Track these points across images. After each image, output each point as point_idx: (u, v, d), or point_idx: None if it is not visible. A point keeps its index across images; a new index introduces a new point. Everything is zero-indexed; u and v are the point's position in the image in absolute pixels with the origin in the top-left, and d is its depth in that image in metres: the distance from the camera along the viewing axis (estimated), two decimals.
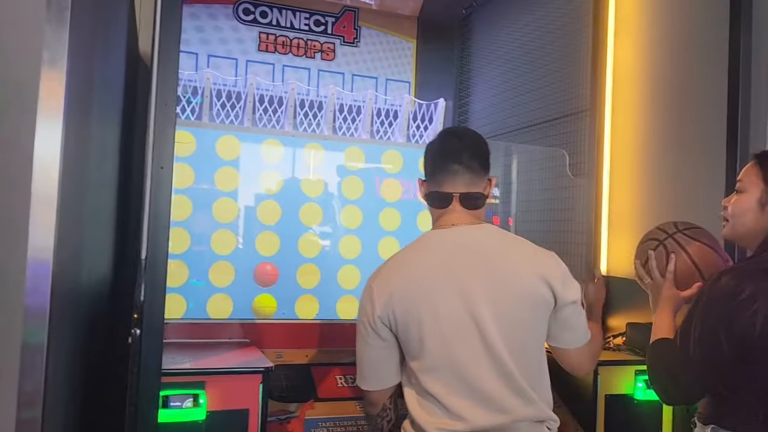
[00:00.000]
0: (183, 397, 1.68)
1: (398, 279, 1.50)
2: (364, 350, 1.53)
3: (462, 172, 1.55)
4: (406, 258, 1.57)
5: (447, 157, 1.57)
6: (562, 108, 2.45)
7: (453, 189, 1.54)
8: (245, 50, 3.36)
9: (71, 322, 1.58)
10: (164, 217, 1.48)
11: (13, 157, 1.27)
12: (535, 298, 1.47)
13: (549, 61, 2.58)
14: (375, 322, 1.47)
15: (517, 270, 1.49)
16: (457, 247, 1.51)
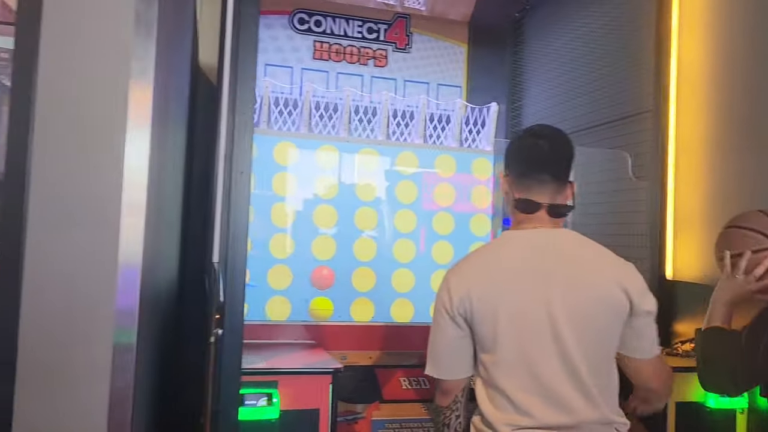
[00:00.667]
0: (258, 396, 1.73)
1: (477, 274, 1.54)
2: (440, 339, 1.57)
3: (550, 182, 1.57)
4: (486, 254, 1.61)
5: (537, 165, 1.58)
6: (623, 109, 2.42)
7: (541, 198, 1.56)
8: (301, 58, 3.43)
9: (154, 324, 1.64)
10: (243, 221, 1.53)
11: (105, 166, 1.33)
12: (611, 304, 1.49)
13: (608, 62, 2.55)
14: (453, 313, 1.51)
15: (597, 275, 1.51)
16: (538, 247, 1.53)
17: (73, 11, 1.30)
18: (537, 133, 1.64)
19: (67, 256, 1.29)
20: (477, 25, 3.67)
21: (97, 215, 1.31)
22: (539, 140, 1.60)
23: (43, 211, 1.29)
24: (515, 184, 1.61)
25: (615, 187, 2.42)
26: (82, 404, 1.29)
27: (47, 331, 1.27)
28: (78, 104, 1.31)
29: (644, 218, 2.26)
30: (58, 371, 1.28)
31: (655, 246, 2.18)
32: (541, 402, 1.47)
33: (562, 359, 1.46)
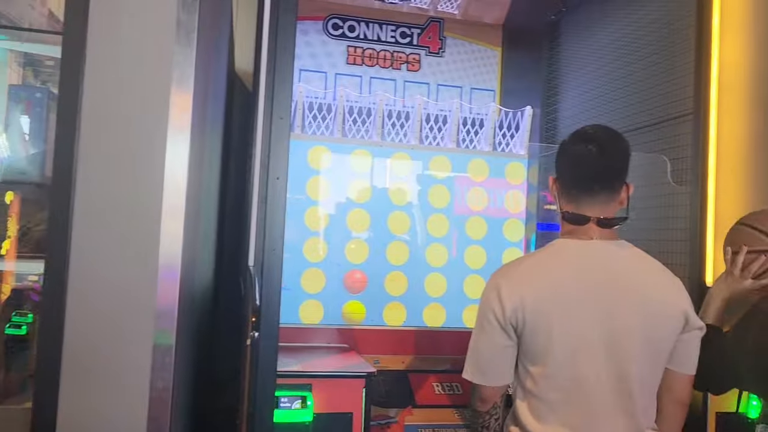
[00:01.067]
0: (292, 399, 1.75)
1: (531, 283, 1.49)
2: (486, 346, 1.52)
3: (600, 193, 1.52)
4: (540, 263, 1.55)
5: (586, 175, 1.53)
6: (661, 112, 2.37)
7: (591, 212, 1.52)
8: (334, 63, 3.45)
9: (191, 325, 1.68)
10: (279, 225, 1.55)
11: (147, 171, 1.36)
12: (670, 321, 1.48)
13: (646, 64, 2.51)
14: (504, 322, 1.47)
15: (660, 296, 1.49)
16: (595, 261, 1.50)
17: (117, 20, 1.33)
18: (588, 137, 1.56)
19: (110, 258, 1.33)
20: (511, 28, 3.65)
21: (139, 219, 1.35)
22: (589, 145, 1.52)
23: (88, 215, 1.32)
24: (563, 192, 1.57)
25: (653, 192, 2.37)
26: (123, 403, 1.33)
27: (90, 332, 1.31)
28: (121, 111, 1.35)
29: (684, 224, 2.22)
30: (100, 371, 1.31)
31: (695, 252, 2.14)
32: (584, 418, 1.45)
33: (617, 377, 1.44)
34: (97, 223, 1.33)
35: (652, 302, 1.47)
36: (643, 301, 1.46)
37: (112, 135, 1.35)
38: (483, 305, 1.54)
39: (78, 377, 1.31)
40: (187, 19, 1.39)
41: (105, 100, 1.34)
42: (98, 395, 1.32)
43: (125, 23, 1.35)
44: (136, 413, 1.35)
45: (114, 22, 1.34)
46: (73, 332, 1.31)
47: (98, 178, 1.34)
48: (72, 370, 1.31)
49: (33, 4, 1.61)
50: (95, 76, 1.33)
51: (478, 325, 1.54)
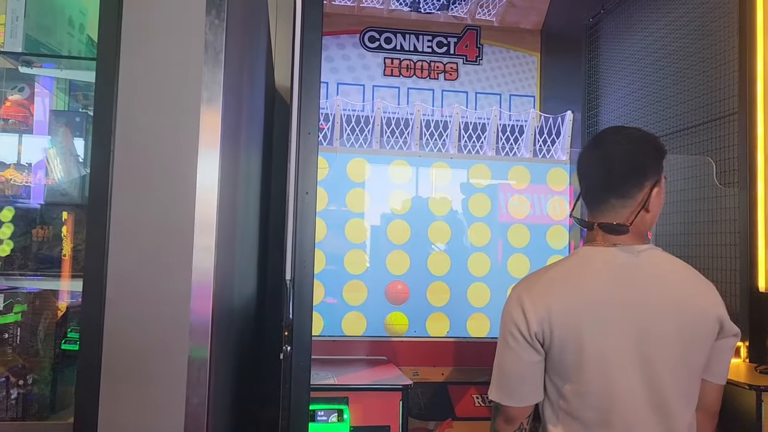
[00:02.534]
0: (329, 412, 1.75)
1: (557, 293, 1.40)
2: (512, 363, 1.43)
3: (620, 202, 1.44)
4: (565, 273, 1.45)
5: (604, 185, 1.45)
6: (705, 113, 2.29)
7: (613, 219, 1.44)
8: (372, 76, 3.48)
9: (228, 339, 1.70)
10: (310, 240, 1.56)
11: (178, 187, 1.39)
12: (705, 330, 1.40)
13: (688, 64, 2.43)
14: (531, 337, 1.39)
15: (697, 305, 1.40)
16: (623, 269, 1.41)
17: (147, 44, 1.38)
18: (606, 141, 1.48)
19: (145, 274, 1.36)
20: (549, 33, 3.60)
21: (171, 235, 1.38)
22: (608, 151, 1.45)
23: (123, 233, 1.36)
24: (585, 200, 1.51)
25: (699, 195, 2.29)
26: (159, 417, 1.35)
27: (127, 348, 1.34)
28: (153, 131, 1.39)
29: (732, 227, 2.13)
30: (137, 386, 1.34)
31: (745, 256, 2.04)
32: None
33: (654, 390, 1.36)
34: (131, 241, 1.37)
35: (687, 308, 1.39)
36: (678, 308, 1.38)
37: (144, 155, 1.39)
38: (505, 320, 1.46)
39: (116, 392, 1.34)
40: (214, 41, 1.42)
41: (137, 122, 1.38)
42: (135, 410, 1.35)
43: (155, 47, 1.39)
44: (173, 427, 1.37)
45: (144, 46, 1.38)
46: (110, 348, 1.34)
47: (132, 198, 1.38)
48: (110, 385, 1.34)
49: (72, 32, 1.68)
50: (128, 99, 1.37)
51: (501, 342, 1.45)
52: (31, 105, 2.05)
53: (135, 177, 1.37)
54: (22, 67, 1.61)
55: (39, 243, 1.76)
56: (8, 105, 2.08)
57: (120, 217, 1.36)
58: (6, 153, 2.02)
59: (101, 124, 1.34)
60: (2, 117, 2.09)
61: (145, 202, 1.37)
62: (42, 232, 1.80)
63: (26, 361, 1.69)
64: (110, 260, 1.34)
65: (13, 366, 1.65)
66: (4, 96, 2.09)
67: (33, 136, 2.01)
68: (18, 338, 1.64)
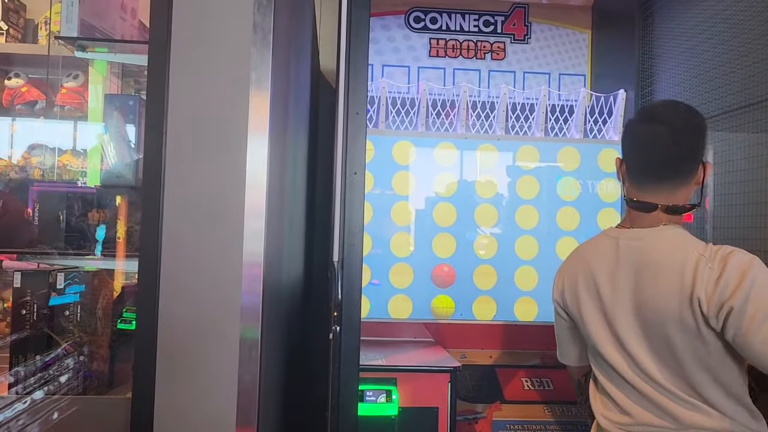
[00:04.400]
0: (377, 392, 1.76)
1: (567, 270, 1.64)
2: (556, 325, 1.74)
3: (669, 179, 1.42)
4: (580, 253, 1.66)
5: (653, 160, 1.42)
6: (764, 93, 2.18)
7: (657, 199, 1.44)
8: (417, 57, 3.44)
9: (278, 319, 1.72)
10: (358, 220, 1.56)
11: (229, 170, 1.41)
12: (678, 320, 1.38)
13: (751, 37, 2.31)
14: (557, 302, 1.68)
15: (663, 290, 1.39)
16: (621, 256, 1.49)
17: (198, 27, 1.39)
18: (654, 116, 1.43)
19: (198, 256, 1.39)
20: (601, 9, 3.48)
21: (223, 216, 1.40)
22: (657, 126, 1.40)
23: (177, 215, 1.39)
24: (628, 178, 1.51)
25: (761, 175, 2.19)
26: (213, 395, 1.38)
27: (181, 328, 1.37)
28: (204, 114, 1.40)
29: None
30: (192, 364, 1.38)
31: None
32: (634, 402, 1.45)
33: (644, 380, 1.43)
34: (184, 223, 1.40)
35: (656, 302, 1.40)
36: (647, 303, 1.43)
37: (196, 138, 1.41)
38: None
39: (171, 370, 1.37)
40: (263, 21, 1.43)
41: (189, 105, 1.40)
42: (190, 387, 1.39)
43: (205, 30, 1.40)
44: (226, 404, 1.41)
45: (194, 29, 1.39)
46: (166, 327, 1.38)
47: (185, 180, 1.40)
48: (166, 363, 1.38)
49: (124, 17, 1.70)
50: (179, 82, 1.39)
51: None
52: (85, 92, 2.10)
53: (186, 159, 1.39)
54: (78, 51, 1.65)
55: (96, 225, 1.81)
56: (64, 92, 2.14)
57: (173, 200, 1.39)
58: (62, 139, 2.08)
59: (154, 108, 1.36)
60: (58, 104, 2.15)
61: (197, 184, 1.39)
62: (98, 214, 1.85)
63: (85, 339, 1.75)
64: (164, 242, 1.37)
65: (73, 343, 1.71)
66: (60, 83, 2.15)
67: (88, 123, 2.07)
68: (78, 316, 1.70)
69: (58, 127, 2.15)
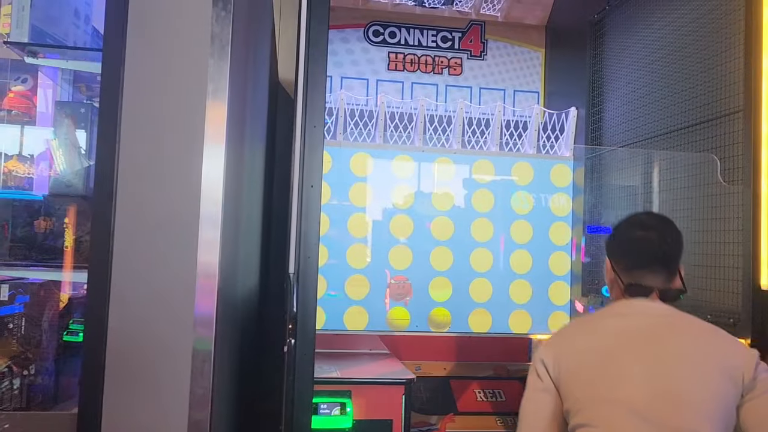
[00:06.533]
0: (332, 405, 1.75)
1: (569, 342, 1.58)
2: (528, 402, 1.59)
3: (662, 272, 1.59)
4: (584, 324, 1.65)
5: (648, 259, 1.59)
6: (711, 110, 2.29)
7: (653, 284, 1.58)
8: (376, 70, 3.47)
9: (231, 332, 1.70)
10: (314, 233, 1.56)
11: (184, 180, 1.39)
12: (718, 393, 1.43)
13: (693, 61, 2.42)
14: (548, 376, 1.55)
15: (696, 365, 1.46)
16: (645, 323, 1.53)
17: (154, 36, 1.37)
18: (645, 224, 1.63)
19: (150, 267, 1.36)
20: (554, 29, 3.59)
21: (177, 227, 1.38)
22: (648, 232, 1.60)
23: (129, 225, 1.36)
24: (622, 273, 1.62)
25: (703, 193, 2.29)
26: (164, 409, 1.35)
27: (131, 340, 1.34)
28: (159, 124, 1.39)
29: (736, 224, 2.13)
30: (142, 377, 1.35)
31: (748, 254, 2.04)
32: None
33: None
34: (137, 233, 1.37)
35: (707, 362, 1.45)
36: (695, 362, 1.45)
37: (150, 148, 1.39)
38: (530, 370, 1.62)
39: (120, 384, 1.34)
40: (221, 32, 1.42)
41: (143, 115, 1.38)
42: (140, 401, 1.36)
43: (162, 38, 1.38)
44: (177, 419, 1.38)
45: (151, 37, 1.37)
46: (115, 340, 1.35)
47: (138, 190, 1.38)
48: (115, 376, 1.35)
49: (77, 23, 1.67)
50: (133, 91, 1.37)
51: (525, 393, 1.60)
52: (34, 96, 2.04)
53: (140, 169, 1.37)
54: (28, 57, 1.61)
55: (43, 234, 1.76)
56: (11, 96, 2.08)
57: (125, 209, 1.36)
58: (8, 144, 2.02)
59: (107, 116, 1.34)
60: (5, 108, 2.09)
61: (151, 194, 1.37)
62: (45, 223, 1.80)
63: (30, 351, 1.69)
64: (115, 252, 1.34)
65: (16, 357, 1.65)
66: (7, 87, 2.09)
67: (36, 128, 2.01)
68: (22, 329, 1.65)
69: (4, 131, 2.08)
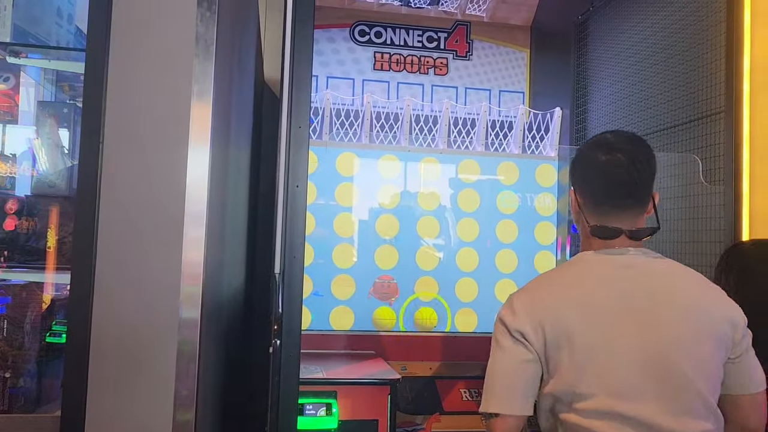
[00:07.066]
0: (317, 406, 1.75)
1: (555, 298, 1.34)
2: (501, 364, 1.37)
3: (632, 206, 1.36)
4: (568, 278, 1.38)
5: (616, 189, 1.35)
6: (693, 111, 2.31)
7: (621, 224, 1.36)
8: (361, 70, 3.47)
9: (216, 332, 1.70)
10: (300, 233, 1.56)
11: (168, 180, 1.39)
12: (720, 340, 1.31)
13: (676, 62, 2.45)
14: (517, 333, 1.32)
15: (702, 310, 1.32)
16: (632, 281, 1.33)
17: (138, 36, 1.36)
18: (612, 145, 1.37)
19: (134, 268, 1.35)
20: (539, 29, 3.61)
21: (161, 227, 1.37)
22: (617, 154, 1.35)
23: (112, 226, 1.35)
24: (588, 207, 1.40)
25: (685, 193, 2.31)
26: (148, 411, 1.35)
27: (115, 341, 1.33)
28: (143, 124, 1.38)
29: (717, 224, 2.16)
30: (126, 379, 1.34)
31: None
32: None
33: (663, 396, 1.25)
34: (120, 233, 1.36)
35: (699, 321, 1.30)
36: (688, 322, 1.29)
37: (134, 148, 1.38)
38: (496, 326, 1.38)
39: (104, 386, 1.33)
40: (206, 33, 1.41)
41: (127, 114, 1.37)
42: (124, 403, 1.35)
43: (145, 38, 1.38)
44: (162, 421, 1.37)
45: (134, 37, 1.37)
46: (99, 341, 1.34)
47: (122, 191, 1.37)
48: (98, 378, 1.34)
49: (60, 23, 1.66)
50: (117, 91, 1.36)
51: (492, 347, 1.38)
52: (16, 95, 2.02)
53: (124, 169, 1.36)
54: (10, 57, 1.59)
55: (25, 235, 1.74)
56: None
57: (108, 210, 1.35)
58: None
59: (90, 116, 1.33)
60: None
61: (134, 194, 1.36)
62: (27, 223, 1.78)
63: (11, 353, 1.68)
64: (98, 253, 1.33)
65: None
66: None
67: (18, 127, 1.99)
68: (4, 331, 1.63)
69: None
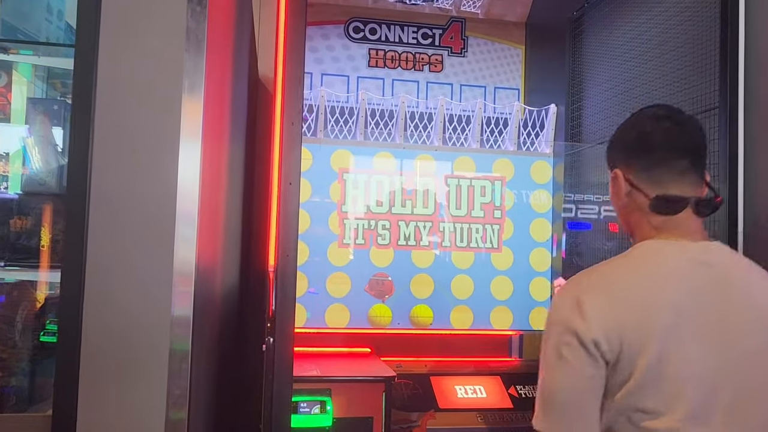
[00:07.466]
0: (312, 404, 1.75)
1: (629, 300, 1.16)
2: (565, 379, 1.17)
3: (690, 171, 1.22)
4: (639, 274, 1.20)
5: (671, 151, 1.22)
6: (687, 107, 2.31)
7: (684, 191, 1.21)
8: (356, 67, 3.46)
9: (209, 330, 1.69)
10: (294, 231, 1.55)
11: (159, 178, 1.37)
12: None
13: (671, 59, 2.44)
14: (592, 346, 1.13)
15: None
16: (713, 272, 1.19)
17: (127, 31, 1.35)
18: (659, 116, 1.27)
19: (125, 266, 1.34)
20: (534, 26, 3.60)
21: (152, 226, 1.36)
22: (666, 122, 1.24)
23: (103, 223, 1.34)
24: (639, 180, 1.25)
25: None
26: (140, 410, 1.34)
27: (106, 340, 1.32)
28: (133, 120, 1.37)
29: (712, 220, 2.15)
30: (117, 378, 1.33)
31: None
32: None
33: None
34: (111, 231, 1.35)
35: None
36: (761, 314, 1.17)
37: (124, 144, 1.36)
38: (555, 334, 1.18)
39: (95, 385, 1.32)
40: (196, 28, 1.40)
41: (117, 110, 1.36)
42: (116, 403, 1.34)
43: (135, 33, 1.36)
44: (154, 420, 1.36)
45: (124, 32, 1.35)
46: (90, 340, 1.32)
47: (112, 188, 1.36)
48: (90, 377, 1.32)
49: (50, 18, 1.64)
50: (107, 87, 1.34)
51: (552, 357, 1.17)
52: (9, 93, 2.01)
53: (114, 166, 1.35)
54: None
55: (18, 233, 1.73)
56: None
57: (99, 208, 1.34)
58: None
59: (80, 113, 1.32)
60: None
61: (125, 192, 1.35)
62: (20, 222, 1.77)
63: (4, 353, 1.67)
64: (89, 251, 1.32)
65: None
66: None
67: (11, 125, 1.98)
68: None
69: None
